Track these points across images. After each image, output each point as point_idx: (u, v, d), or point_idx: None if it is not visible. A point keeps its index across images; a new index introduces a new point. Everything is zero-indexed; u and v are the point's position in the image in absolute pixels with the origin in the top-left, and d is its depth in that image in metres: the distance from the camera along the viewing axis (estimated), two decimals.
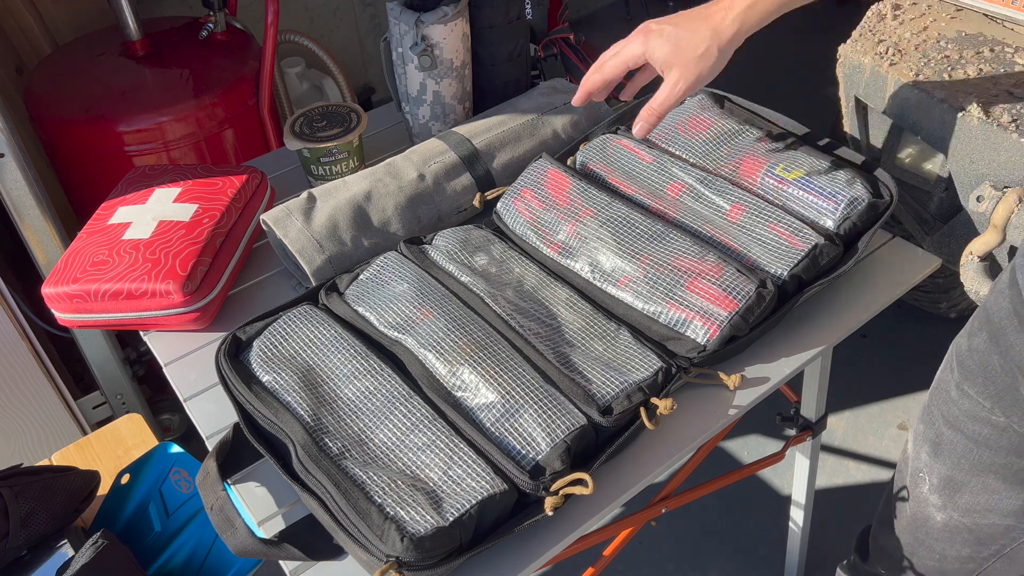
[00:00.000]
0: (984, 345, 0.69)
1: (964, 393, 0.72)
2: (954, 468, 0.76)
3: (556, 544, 0.69)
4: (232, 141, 1.55)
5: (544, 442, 0.67)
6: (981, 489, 0.74)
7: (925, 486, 0.81)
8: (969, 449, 0.73)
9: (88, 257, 0.90)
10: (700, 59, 0.75)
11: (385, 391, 0.73)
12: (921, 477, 0.81)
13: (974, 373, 0.71)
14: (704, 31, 0.75)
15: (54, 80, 1.53)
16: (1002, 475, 0.72)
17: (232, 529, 0.66)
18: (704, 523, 1.54)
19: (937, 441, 0.77)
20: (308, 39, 1.85)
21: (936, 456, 0.78)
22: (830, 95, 1.36)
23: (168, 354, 0.89)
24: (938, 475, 0.78)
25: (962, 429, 0.73)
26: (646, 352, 0.76)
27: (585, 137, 1.00)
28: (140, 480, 1.02)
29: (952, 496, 0.77)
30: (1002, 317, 0.66)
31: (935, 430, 0.78)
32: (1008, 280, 0.67)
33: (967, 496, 0.76)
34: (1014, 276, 0.65)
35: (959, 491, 0.76)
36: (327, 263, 0.89)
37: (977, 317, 0.72)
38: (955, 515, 0.78)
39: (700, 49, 0.75)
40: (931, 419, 0.79)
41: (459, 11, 1.01)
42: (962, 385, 0.72)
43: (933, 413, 0.78)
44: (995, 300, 0.68)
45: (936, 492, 0.79)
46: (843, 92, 1.35)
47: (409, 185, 0.94)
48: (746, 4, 0.74)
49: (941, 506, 0.79)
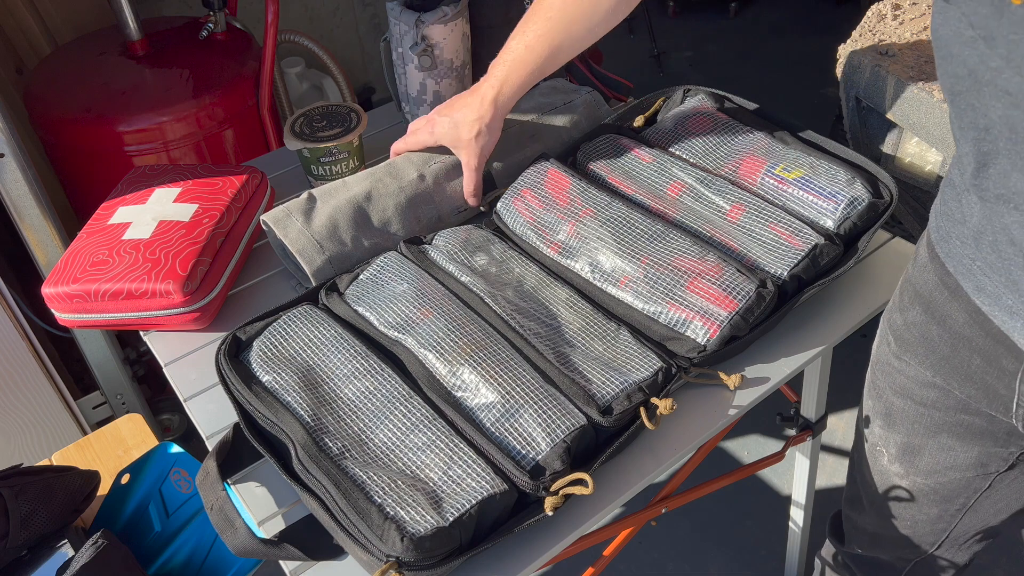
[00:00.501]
0: (920, 318, 0.72)
1: (906, 363, 0.75)
2: (909, 434, 0.79)
3: (556, 544, 0.69)
4: (232, 141, 1.55)
5: (544, 442, 0.67)
6: (938, 449, 0.77)
7: (884, 458, 0.84)
8: (920, 413, 0.76)
9: (88, 257, 0.90)
10: (476, 139, 0.91)
11: (385, 391, 0.73)
12: (879, 450, 0.84)
13: (914, 345, 0.74)
14: (471, 116, 0.91)
15: (54, 80, 1.53)
16: (955, 432, 0.75)
17: (232, 529, 0.66)
18: (704, 523, 1.54)
19: (888, 412, 0.80)
20: (308, 39, 1.85)
21: (890, 427, 0.81)
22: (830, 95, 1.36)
23: (168, 354, 0.89)
24: (895, 444, 0.81)
25: (911, 396, 0.76)
26: (646, 352, 0.76)
27: (585, 137, 1.00)
28: (140, 480, 1.02)
29: (912, 461, 0.80)
30: (931, 290, 0.69)
31: (884, 402, 0.80)
32: (928, 254, 0.70)
33: (926, 458, 0.79)
34: (933, 250, 0.68)
35: (918, 455, 0.79)
36: (327, 263, 0.89)
37: (905, 292, 0.75)
38: (918, 479, 0.81)
39: (473, 131, 0.91)
40: (878, 392, 0.81)
41: (459, 11, 1.01)
42: (902, 356, 0.75)
43: (880, 386, 0.81)
44: (920, 274, 0.71)
45: (896, 461, 0.82)
46: (843, 92, 1.35)
47: (409, 185, 0.94)
48: (495, 92, 0.89)
49: (903, 474, 0.82)
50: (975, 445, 0.74)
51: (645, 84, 2.53)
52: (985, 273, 0.61)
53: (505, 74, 0.89)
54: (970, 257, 0.63)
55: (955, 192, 0.63)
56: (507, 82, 0.89)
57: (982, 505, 0.80)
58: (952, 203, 0.64)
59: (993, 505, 0.80)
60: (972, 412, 0.72)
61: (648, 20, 2.79)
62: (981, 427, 0.73)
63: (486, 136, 0.92)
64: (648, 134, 1.00)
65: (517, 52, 0.89)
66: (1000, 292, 0.61)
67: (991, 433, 0.73)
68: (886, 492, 0.85)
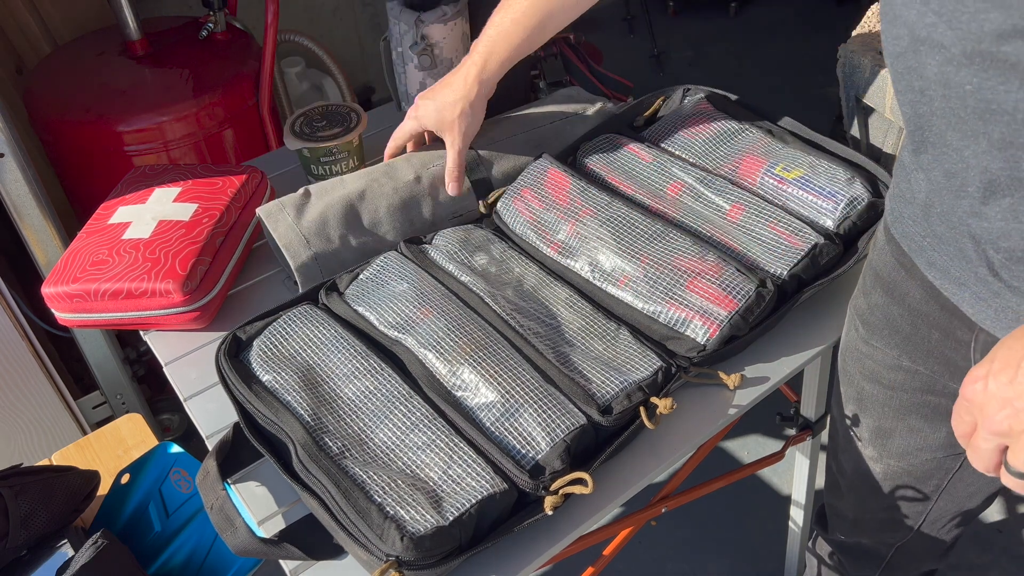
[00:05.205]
0: (882, 300, 0.74)
1: (873, 347, 0.77)
2: (880, 418, 0.80)
3: (556, 544, 0.69)
4: (232, 141, 1.55)
5: (544, 441, 0.67)
6: (907, 431, 0.79)
7: (859, 442, 0.85)
8: (889, 396, 0.78)
9: (88, 257, 0.89)
10: (460, 119, 0.91)
11: (385, 391, 0.73)
12: (852, 435, 0.85)
13: (879, 327, 0.75)
14: (454, 96, 0.90)
15: (54, 80, 1.53)
16: (922, 413, 0.77)
17: (232, 529, 0.66)
18: (704, 523, 1.54)
19: (859, 397, 0.82)
20: (308, 39, 1.85)
21: (862, 411, 0.82)
22: (830, 95, 1.36)
23: (168, 354, 0.89)
24: (867, 428, 0.83)
25: (879, 380, 0.78)
26: (646, 352, 0.76)
27: (585, 137, 1.00)
28: (140, 480, 1.02)
29: (884, 444, 0.82)
30: (889, 271, 0.71)
31: (855, 387, 0.82)
32: (885, 237, 0.72)
33: (897, 440, 0.80)
34: (889, 232, 0.71)
35: (889, 438, 0.81)
36: (312, 260, 0.88)
37: (866, 276, 0.77)
38: (891, 462, 0.83)
39: (456, 111, 0.90)
40: (849, 378, 0.83)
41: (459, 10, 1.01)
42: (870, 340, 0.77)
43: (850, 372, 0.82)
44: (879, 257, 0.74)
45: (870, 445, 0.84)
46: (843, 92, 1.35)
47: (404, 187, 0.93)
48: (478, 69, 0.89)
49: (877, 457, 0.84)
50: (943, 425, 0.76)
51: (645, 84, 2.53)
52: (934, 248, 0.64)
53: (489, 50, 0.88)
54: (920, 234, 0.65)
55: (904, 172, 0.65)
56: (491, 58, 0.88)
57: (955, 487, 0.81)
58: (903, 184, 0.66)
59: (967, 488, 0.82)
60: (938, 392, 0.74)
61: (648, 20, 2.79)
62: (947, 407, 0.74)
63: (469, 116, 0.91)
64: (648, 134, 1.00)
65: (503, 26, 0.88)
66: (948, 265, 0.63)
67: None
68: (862, 476, 0.86)
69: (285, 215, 0.89)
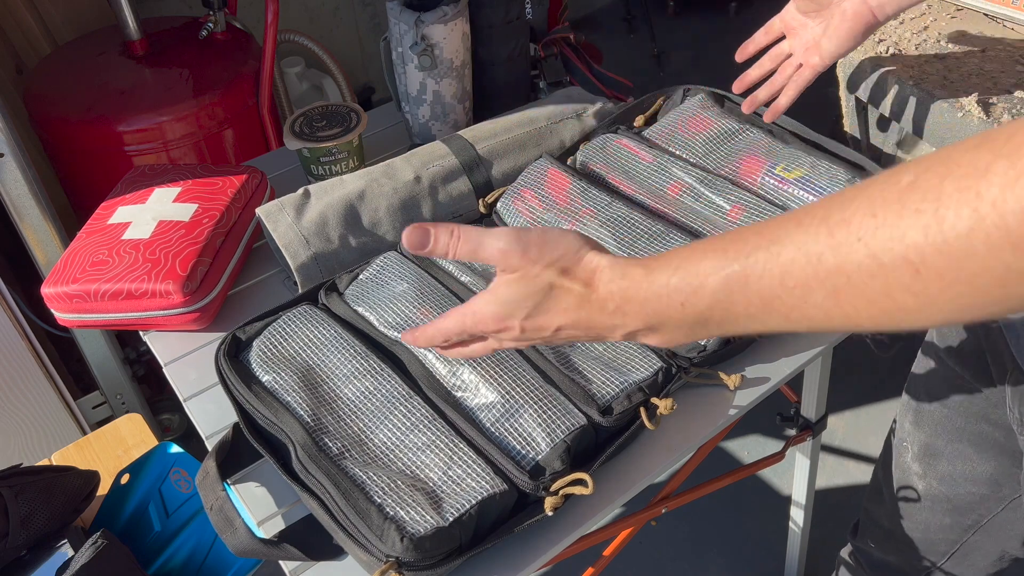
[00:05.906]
0: None
1: (942, 361, 0.77)
2: (932, 435, 0.80)
3: (556, 544, 0.69)
4: (232, 141, 1.55)
5: (544, 442, 0.67)
6: (956, 456, 0.78)
7: (908, 454, 0.85)
8: (946, 416, 0.77)
9: (88, 257, 0.89)
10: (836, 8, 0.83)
11: (385, 391, 0.73)
12: (905, 446, 0.85)
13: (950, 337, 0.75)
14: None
15: (54, 80, 1.53)
16: (974, 442, 0.76)
17: (232, 529, 0.66)
18: (704, 523, 1.54)
19: (919, 410, 0.82)
20: (308, 39, 1.85)
21: (918, 425, 0.82)
22: (830, 95, 1.36)
23: (168, 354, 0.89)
24: (919, 443, 0.82)
25: (939, 396, 0.78)
26: (646, 352, 0.76)
27: (585, 137, 1.00)
28: (140, 480, 1.02)
29: (931, 463, 0.81)
30: None
31: (917, 399, 0.82)
32: None
33: (944, 464, 0.80)
34: None
35: (937, 459, 0.80)
36: (312, 260, 0.88)
37: None
38: (934, 483, 0.82)
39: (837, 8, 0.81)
40: (915, 390, 0.82)
41: (459, 11, 1.01)
42: (939, 352, 0.77)
43: (917, 384, 0.82)
44: None
45: (917, 460, 0.83)
46: (843, 92, 1.35)
47: (404, 187, 0.93)
48: None
49: (922, 474, 0.83)
50: (991, 459, 0.75)
51: (645, 84, 2.53)
52: None
53: None
54: None
55: None
56: None
57: (996, 527, 0.80)
58: None
59: (1010, 530, 0.80)
60: (992, 423, 0.73)
61: (648, 20, 2.79)
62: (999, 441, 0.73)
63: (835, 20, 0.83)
64: (648, 134, 1.00)
65: None
66: None
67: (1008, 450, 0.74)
68: (904, 488, 0.86)
69: (285, 215, 0.89)
